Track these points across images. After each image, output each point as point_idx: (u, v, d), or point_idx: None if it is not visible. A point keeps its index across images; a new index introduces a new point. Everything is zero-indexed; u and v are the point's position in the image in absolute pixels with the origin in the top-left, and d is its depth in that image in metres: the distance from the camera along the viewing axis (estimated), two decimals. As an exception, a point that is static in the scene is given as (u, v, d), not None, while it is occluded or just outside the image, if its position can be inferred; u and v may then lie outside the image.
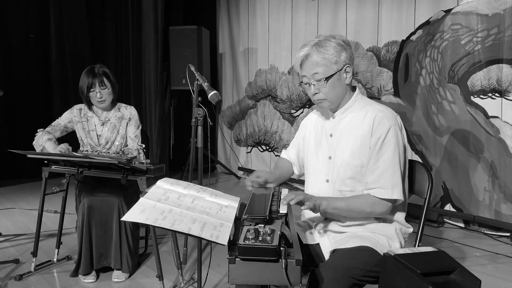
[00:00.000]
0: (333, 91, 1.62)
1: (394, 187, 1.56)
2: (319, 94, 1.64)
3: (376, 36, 4.15)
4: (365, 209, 1.59)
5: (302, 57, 1.62)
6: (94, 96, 2.64)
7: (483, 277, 1.41)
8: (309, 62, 1.61)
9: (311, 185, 1.77)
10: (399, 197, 1.58)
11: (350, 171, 1.63)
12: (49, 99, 5.53)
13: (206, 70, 5.35)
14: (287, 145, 5.20)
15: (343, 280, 1.43)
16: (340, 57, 1.60)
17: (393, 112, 1.66)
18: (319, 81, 1.60)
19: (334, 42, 1.60)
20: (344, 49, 1.61)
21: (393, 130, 1.58)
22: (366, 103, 1.69)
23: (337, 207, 1.58)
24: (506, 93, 3.28)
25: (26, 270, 2.67)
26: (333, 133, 1.70)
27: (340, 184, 1.65)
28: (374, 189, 1.58)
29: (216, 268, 2.71)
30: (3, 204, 4.30)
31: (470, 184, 3.52)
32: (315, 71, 1.60)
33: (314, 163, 1.75)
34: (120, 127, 2.76)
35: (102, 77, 2.62)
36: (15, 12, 5.24)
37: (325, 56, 1.58)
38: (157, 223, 1.27)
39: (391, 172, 1.56)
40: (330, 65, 1.59)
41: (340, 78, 1.63)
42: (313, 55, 1.59)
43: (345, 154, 1.64)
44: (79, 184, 2.71)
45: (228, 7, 5.86)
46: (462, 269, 1.29)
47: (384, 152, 1.57)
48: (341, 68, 1.61)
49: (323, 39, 1.61)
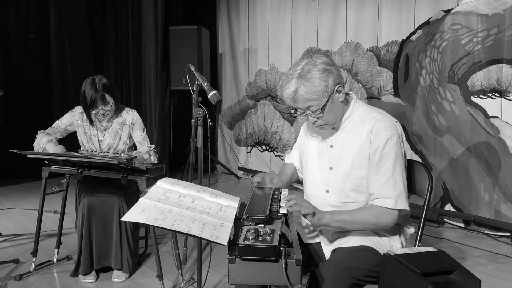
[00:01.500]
0: (330, 115, 1.60)
1: (398, 196, 1.54)
2: (319, 121, 1.62)
3: (376, 36, 4.15)
4: (370, 220, 1.55)
5: (292, 94, 1.56)
6: (97, 113, 2.62)
7: (483, 277, 1.41)
8: (300, 97, 1.56)
9: (310, 194, 1.75)
10: (404, 207, 1.55)
11: (351, 182, 1.61)
12: (49, 99, 5.53)
13: (206, 70, 5.35)
14: (287, 145, 5.20)
15: (343, 280, 1.43)
16: (328, 84, 1.54)
17: (391, 119, 1.62)
18: (315, 112, 1.58)
19: (317, 71, 1.53)
20: (330, 73, 1.54)
21: (392, 140, 1.55)
22: (364, 112, 1.65)
23: (340, 219, 1.55)
24: (506, 93, 3.28)
25: (26, 270, 2.67)
26: (334, 144, 1.68)
27: (342, 196, 1.64)
28: (378, 199, 1.55)
29: (216, 268, 2.71)
30: (3, 204, 4.30)
31: (470, 184, 3.52)
32: (308, 105, 1.57)
33: (314, 173, 1.74)
34: (122, 133, 2.75)
35: (103, 92, 2.56)
36: (15, 12, 5.24)
37: (312, 89, 1.53)
38: (157, 223, 1.27)
39: (393, 182, 1.54)
40: (321, 96, 1.54)
41: (333, 101, 1.58)
42: (301, 90, 1.54)
43: (346, 165, 1.62)
44: (79, 184, 2.71)
45: (228, 7, 5.86)
46: (462, 269, 1.29)
47: (384, 163, 1.55)
48: (332, 92, 1.57)
49: (306, 68, 1.54)
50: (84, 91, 2.58)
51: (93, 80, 2.59)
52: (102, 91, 2.55)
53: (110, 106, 2.62)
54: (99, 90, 2.55)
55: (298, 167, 1.92)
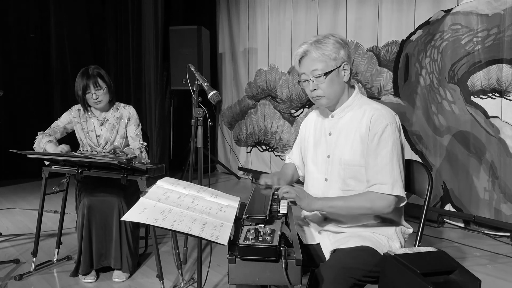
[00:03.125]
0: (331, 87, 1.63)
1: (394, 182, 1.54)
2: (318, 91, 1.64)
3: (376, 36, 4.15)
4: (364, 204, 1.56)
5: (301, 53, 1.63)
6: (90, 97, 2.65)
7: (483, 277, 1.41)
8: (308, 58, 1.62)
9: (310, 184, 1.77)
10: (400, 193, 1.55)
11: (350, 170, 1.63)
12: (49, 99, 5.53)
13: (206, 70, 5.35)
14: (287, 145, 5.20)
15: (343, 280, 1.43)
16: (339, 54, 1.61)
17: (391, 111, 1.65)
18: (318, 77, 1.61)
19: (332, 40, 1.62)
20: (343, 47, 1.62)
21: (390, 127, 1.57)
22: (365, 102, 1.68)
23: (333, 205, 1.57)
24: (506, 93, 3.28)
25: (26, 270, 2.67)
26: (332, 132, 1.70)
27: (342, 184, 1.65)
28: (373, 186, 1.56)
29: (216, 268, 2.71)
30: (3, 204, 4.30)
31: (470, 184, 3.52)
32: (314, 67, 1.61)
33: (313, 162, 1.76)
34: (119, 127, 2.76)
35: (96, 78, 2.62)
36: (15, 12, 5.24)
37: (324, 52, 1.60)
38: (157, 223, 1.27)
39: (390, 168, 1.55)
40: (328, 61, 1.60)
41: (338, 75, 1.63)
42: (311, 52, 1.61)
43: (345, 153, 1.64)
44: (79, 184, 2.71)
45: (228, 7, 5.86)
46: (462, 269, 1.29)
47: (382, 149, 1.56)
48: (339, 65, 1.62)
49: (321, 37, 1.63)
50: (78, 78, 2.64)
51: (87, 68, 2.67)
52: (95, 76, 2.62)
53: (103, 91, 2.65)
54: (92, 75, 2.62)
55: (298, 164, 1.93)
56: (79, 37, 5.61)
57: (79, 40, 5.62)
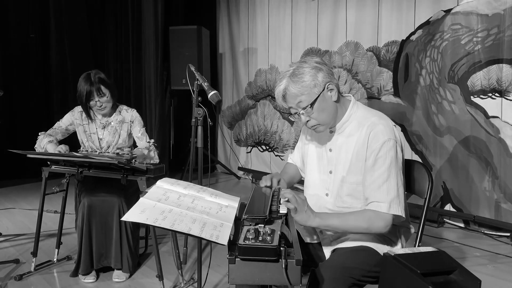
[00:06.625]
0: (322, 114, 1.59)
1: (391, 201, 1.50)
2: (311, 121, 1.61)
3: (376, 36, 4.15)
4: (361, 224, 1.51)
5: (282, 91, 1.59)
6: (94, 105, 2.63)
7: (483, 277, 1.41)
8: (290, 95, 1.58)
9: (311, 196, 1.74)
10: (397, 212, 1.50)
11: (347, 188, 1.61)
12: (49, 99, 5.52)
13: (206, 70, 5.35)
14: (287, 145, 5.20)
15: (343, 280, 1.43)
16: (318, 79, 1.55)
17: (389, 123, 1.59)
18: (305, 109, 1.57)
19: (307, 68, 1.56)
20: (319, 70, 1.56)
21: (388, 144, 1.53)
22: (362, 116, 1.63)
23: (329, 224, 1.51)
24: (506, 93, 3.28)
25: (26, 270, 2.67)
26: (332, 148, 1.68)
27: (339, 201, 1.64)
28: (371, 204, 1.53)
29: (216, 268, 2.71)
30: (3, 204, 4.30)
31: (470, 184, 3.52)
32: (298, 100, 1.57)
33: (315, 175, 1.74)
34: (121, 131, 2.76)
35: (99, 85, 2.58)
36: (15, 12, 5.24)
37: (302, 84, 1.55)
38: (157, 223, 1.27)
39: (388, 187, 1.51)
40: (310, 91, 1.55)
41: (325, 99, 1.58)
42: (290, 88, 1.56)
43: (344, 170, 1.62)
44: (79, 184, 2.71)
45: (228, 7, 5.86)
46: (462, 269, 1.29)
47: (379, 167, 1.53)
48: (322, 89, 1.57)
49: (296, 67, 1.58)
50: (80, 85, 2.60)
51: (88, 74, 2.62)
52: (97, 83, 2.58)
53: (107, 98, 2.63)
54: (95, 82, 2.58)
55: (300, 167, 1.92)
56: (79, 37, 5.60)
57: (79, 40, 5.61)
